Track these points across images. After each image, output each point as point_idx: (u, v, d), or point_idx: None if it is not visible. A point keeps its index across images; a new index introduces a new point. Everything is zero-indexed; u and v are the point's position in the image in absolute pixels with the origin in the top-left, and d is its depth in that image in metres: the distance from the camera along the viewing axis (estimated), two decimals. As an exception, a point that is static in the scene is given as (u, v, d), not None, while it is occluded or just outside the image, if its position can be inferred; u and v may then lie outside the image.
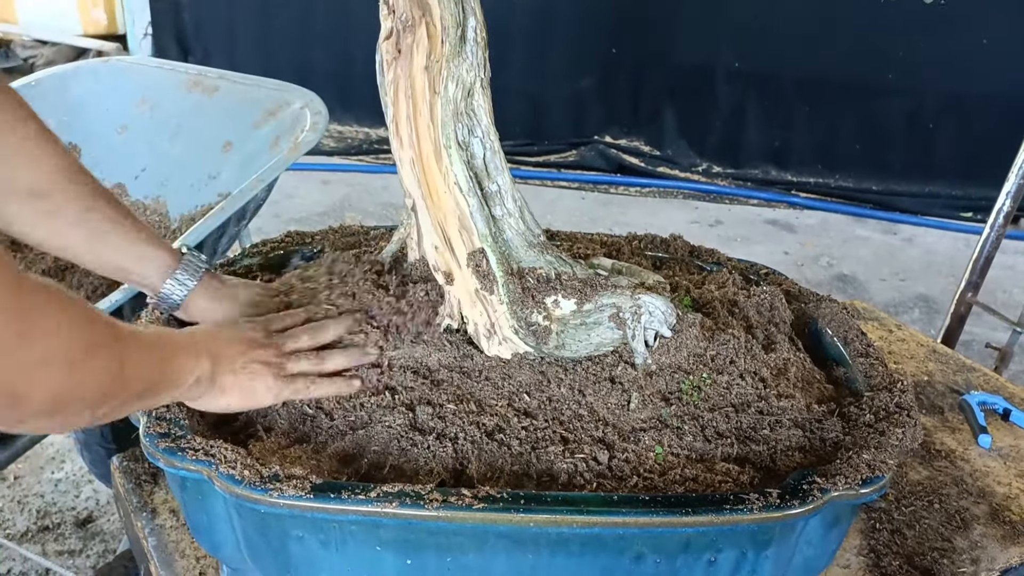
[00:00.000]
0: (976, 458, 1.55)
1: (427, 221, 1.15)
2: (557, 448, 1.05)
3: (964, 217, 4.91)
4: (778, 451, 1.09)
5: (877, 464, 1.02)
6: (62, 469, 2.68)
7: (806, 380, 1.22)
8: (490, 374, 1.14)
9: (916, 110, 4.89)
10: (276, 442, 1.06)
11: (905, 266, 4.43)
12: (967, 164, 4.88)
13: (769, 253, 4.40)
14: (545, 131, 5.37)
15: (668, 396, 1.12)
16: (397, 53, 1.09)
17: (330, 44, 5.34)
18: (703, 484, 1.02)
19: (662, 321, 1.15)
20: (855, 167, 5.09)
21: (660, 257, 1.52)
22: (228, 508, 1.00)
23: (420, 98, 1.08)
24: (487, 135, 1.11)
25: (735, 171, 5.25)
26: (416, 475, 1.02)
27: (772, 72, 5.03)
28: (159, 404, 1.02)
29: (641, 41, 5.17)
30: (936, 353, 1.90)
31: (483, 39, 1.09)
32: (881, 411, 1.14)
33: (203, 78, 2.34)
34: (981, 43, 4.61)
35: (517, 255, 1.15)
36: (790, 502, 0.96)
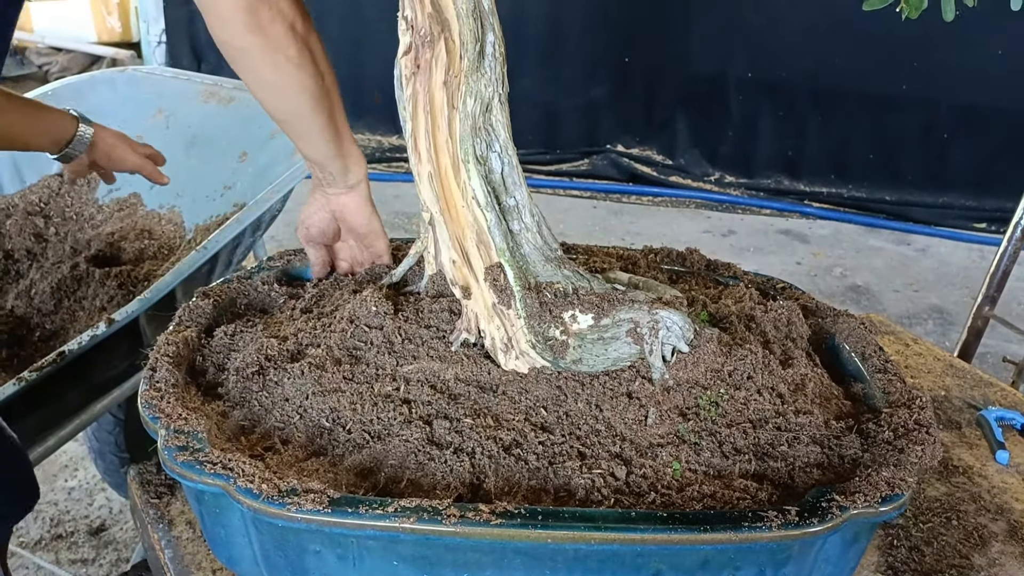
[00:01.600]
0: (994, 474, 1.54)
1: (445, 235, 1.15)
2: (574, 463, 1.04)
3: (978, 228, 4.89)
4: (796, 468, 1.08)
5: (896, 482, 1.02)
6: (75, 477, 2.69)
7: (824, 396, 1.22)
8: (507, 388, 1.14)
9: (930, 120, 4.88)
10: (293, 455, 1.06)
11: (919, 277, 4.41)
12: (981, 175, 4.86)
13: (782, 263, 4.39)
14: (557, 140, 5.37)
15: (686, 411, 1.12)
16: (416, 68, 1.09)
17: (342, 52, 5.35)
18: (721, 501, 1.01)
19: (679, 336, 1.14)
20: (868, 177, 5.08)
21: (676, 271, 1.51)
22: (245, 522, 1.00)
23: (439, 113, 1.08)
24: (505, 150, 1.12)
25: (747, 181, 5.24)
26: (433, 489, 1.02)
27: (785, 82, 5.02)
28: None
29: (654, 50, 5.17)
30: (953, 368, 1.89)
31: (501, 54, 1.09)
32: (900, 428, 1.13)
33: (219, 88, 2.35)
34: (996, 54, 4.60)
35: (534, 269, 1.15)
36: (809, 520, 0.96)
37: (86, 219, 2.26)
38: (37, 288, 1.99)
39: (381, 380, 1.14)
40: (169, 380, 1.13)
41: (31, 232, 2.19)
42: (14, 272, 2.11)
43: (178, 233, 2.18)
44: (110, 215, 2.24)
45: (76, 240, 2.17)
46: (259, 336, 1.25)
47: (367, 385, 1.13)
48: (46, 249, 2.19)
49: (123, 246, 2.13)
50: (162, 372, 1.14)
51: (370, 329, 1.21)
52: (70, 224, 2.25)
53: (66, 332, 1.91)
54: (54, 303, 1.96)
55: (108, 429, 2.14)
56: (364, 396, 1.11)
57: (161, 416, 1.06)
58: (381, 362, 1.17)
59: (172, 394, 1.10)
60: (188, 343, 1.24)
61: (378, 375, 1.15)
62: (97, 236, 2.18)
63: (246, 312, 1.38)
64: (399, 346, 1.19)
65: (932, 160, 4.96)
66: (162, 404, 1.08)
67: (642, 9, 5.04)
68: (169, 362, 1.17)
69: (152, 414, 1.06)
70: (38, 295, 1.97)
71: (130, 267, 2.03)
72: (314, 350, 1.19)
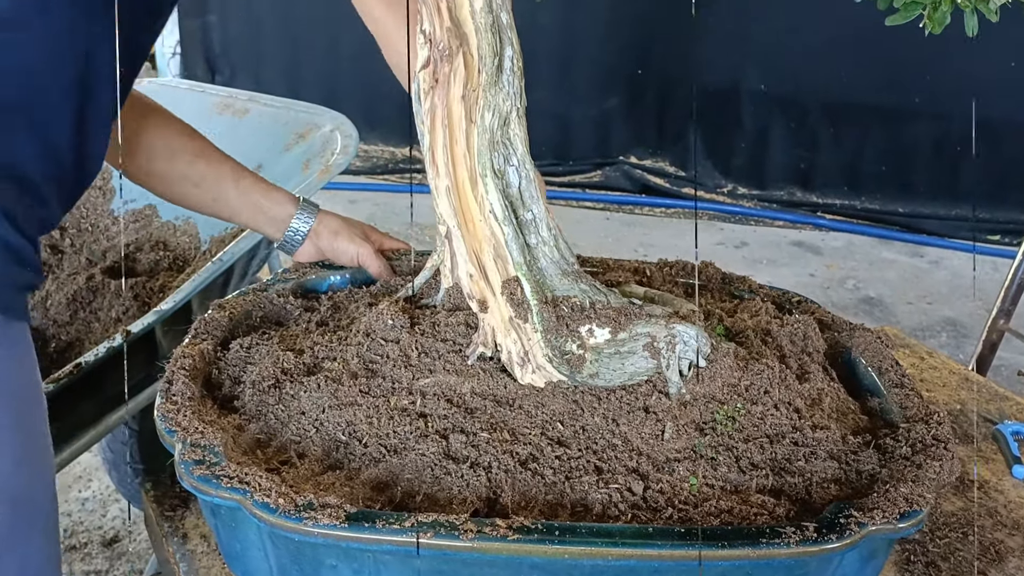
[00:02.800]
0: (1010, 489, 1.53)
1: (462, 249, 1.15)
2: (591, 478, 1.04)
3: (991, 240, 4.87)
4: (813, 483, 1.08)
5: (915, 498, 1.01)
6: (89, 488, 2.70)
7: (840, 411, 1.21)
8: (523, 402, 1.14)
9: (943, 132, 4.87)
10: (310, 468, 1.06)
11: (932, 289, 4.40)
12: (994, 187, 4.85)
13: (795, 275, 4.38)
14: (571, 151, 5.38)
15: (702, 426, 1.12)
16: (434, 82, 1.09)
17: (356, 63, 5.37)
18: (738, 516, 1.01)
19: (696, 351, 1.14)
20: (881, 189, 5.07)
21: (692, 284, 1.51)
22: (262, 536, 1.00)
23: (457, 127, 1.09)
24: (523, 164, 1.12)
25: (760, 192, 5.24)
26: (450, 504, 1.02)
27: (797, 94, 5.02)
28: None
29: (667, 62, 5.18)
30: (968, 381, 1.88)
31: (519, 69, 1.10)
32: (918, 443, 1.13)
33: (234, 100, 2.36)
34: (1009, 66, 4.59)
35: (551, 283, 1.15)
36: (827, 536, 0.95)
37: (101, 230, 2.27)
38: (52, 299, 2.00)
39: (397, 394, 1.14)
40: (185, 393, 1.13)
41: (46, 243, 2.20)
42: (30, 283, 2.12)
43: (193, 245, 2.18)
44: (125, 226, 2.25)
45: (91, 251, 2.19)
46: (275, 349, 1.25)
47: (383, 399, 1.13)
48: (61, 260, 2.20)
49: (138, 257, 2.13)
50: (178, 385, 1.14)
51: (386, 342, 1.21)
52: (85, 235, 2.26)
53: (81, 343, 1.92)
54: (69, 314, 1.97)
55: (122, 440, 2.15)
56: (380, 410, 1.11)
57: (178, 429, 1.06)
58: (397, 376, 1.17)
59: (188, 407, 1.10)
60: (204, 356, 1.24)
61: (394, 389, 1.15)
62: (112, 247, 2.19)
63: (261, 325, 1.38)
64: (415, 360, 1.19)
65: (945, 172, 4.95)
66: (179, 417, 1.08)
67: (655, 22, 5.05)
68: (185, 375, 1.17)
69: (169, 427, 1.07)
70: (53, 306, 1.98)
71: (145, 278, 2.04)
72: (330, 363, 1.19)
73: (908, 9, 0.69)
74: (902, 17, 0.70)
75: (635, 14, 5.09)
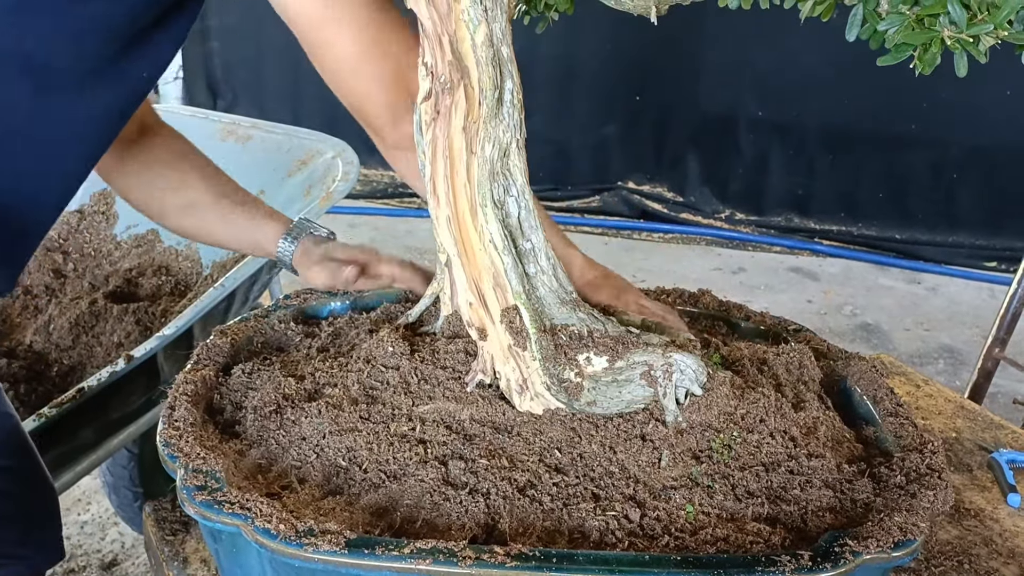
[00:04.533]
0: (1006, 518, 1.54)
1: (462, 277, 1.17)
2: (588, 505, 1.05)
3: (988, 267, 4.89)
4: (809, 511, 1.09)
5: (909, 527, 1.02)
6: (88, 511, 2.70)
7: (836, 439, 1.22)
8: (522, 430, 1.15)
9: (939, 160, 4.90)
10: (310, 494, 1.07)
11: (929, 316, 4.41)
12: (991, 214, 4.88)
13: (792, 301, 4.40)
14: (569, 177, 5.41)
15: (698, 454, 1.13)
16: (436, 114, 1.11)
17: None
18: (734, 544, 1.02)
19: (693, 379, 1.15)
20: (878, 215, 5.10)
21: (689, 312, 1.53)
22: (262, 561, 1.01)
23: (458, 158, 1.10)
24: (522, 194, 1.13)
25: (758, 218, 5.26)
26: (448, 530, 1.03)
27: (795, 121, 5.06)
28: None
29: (665, 89, 5.22)
30: (964, 410, 1.89)
31: (519, 101, 1.12)
32: (912, 472, 1.14)
33: (236, 127, 2.39)
34: (1005, 94, 4.63)
35: (550, 312, 1.16)
36: (822, 564, 0.96)
37: (104, 255, 2.29)
38: (55, 324, 2.01)
39: (397, 420, 1.15)
40: (188, 419, 1.14)
41: (50, 268, 2.22)
42: (33, 308, 2.14)
43: (195, 270, 2.20)
44: (128, 251, 2.27)
45: (94, 276, 2.20)
46: (276, 375, 1.26)
47: (383, 425, 1.14)
48: (64, 285, 2.22)
49: (141, 282, 2.15)
50: (181, 411, 1.16)
51: (387, 369, 1.22)
52: (88, 260, 2.28)
53: (83, 368, 1.93)
54: (72, 339, 1.98)
55: (123, 464, 2.15)
56: (380, 436, 1.13)
57: (180, 455, 1.07)
58: (397, 402, 1.18)
59: (191, 433, 1.12)
60: (206, 382, 1.25)
61: (394, 415, 1.16)
62: (115, 272, 2.20)
63: (263, 350, 1.40)
64: (415, 386, 1.20)
65: (942, 199, 4.98)
66: (181, 443, 1.09)
67: (653, 48, 5.09)
68: (188, 401, 1.18)
69: (171, 453, 1.08)
70: (56, 331, 2.00)
71: (147, 303, 2.05)
72: (331, 389, 1.21)
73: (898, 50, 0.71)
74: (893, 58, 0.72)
75: (633, 41, 5.13)
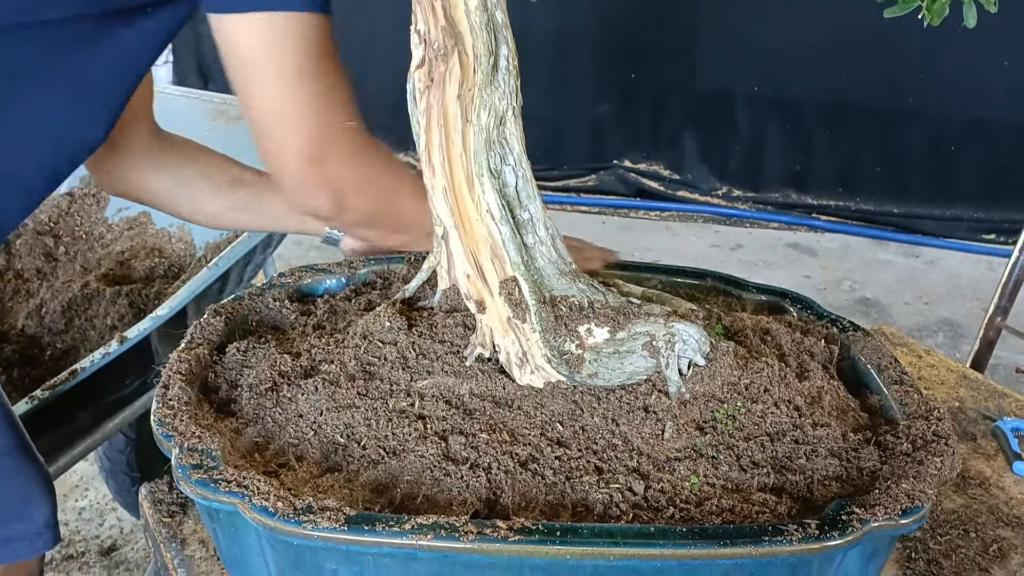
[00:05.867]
0: (1011, 486, 1.52)
1: (459, 249, 1.15)
2: (591, 478, 1.03)
3: (987, 240, 4.87)
4: (815, 481, 1.07)
5: (916, 494, 1.01)
6: (86, 497, 2.68)
7: (840, 408, 1.21)
8: (522, 403, 1.13)
9: (937, 133, 4.88)
10: (308, 471, 1.06)
11: (928, 290, 4.40)
12: (989, 186, 4.86)
13: (791, 277, 4.38)
14: (565, 156, 5.37)
15: (702, 425, 1.11)
16: (430, 82, 1.09)
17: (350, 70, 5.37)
18: (740, 515, 1.01)
19: (696, 349, 1.14)
20: (876, 190, 5.07)
21: (691, 284, 1.51)
22: (261, 540, 0.99)
23: (453, 127, 1.08)
24: (519, 163, 1.11)
25: (755, 195, 5.24)
26: (450, 505, 1.01)
27: (792, 96, 5.03)
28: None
29: (660, 66, 5.18)
30: (967, 379, 1.88)
31: (515, 68, 1.09)
32: (919, 440, 1.12)
33: (228, 107, 2.36)
34: (1002, 65, 4.60)
35: (549, 283, 1.15)
36: (829, 533, 0.95)
37: (96, 238, 2.26)
38: (48, 307, 1.99)
39: (395, 396, 1.14)
40: (182, 398, 1.12)
41: (41, 251, 2.19)
42: (24, 291, 2.12)
43: (188, 251, 2.18)
44: (120, 234, 2.24)
45: (86, 259, 2.18)
46: (272, 352, 1.24)
47: (381, 401, 1.13)
48: (56, 268, 2.19)
49: (133, 264, 2.13)
50: (175, 390, 1.14)
51: (384, 344, 1.20)
52: (80, 243, 2.25)
53: (77, 351, 1.91)
54: (65, 322, 1.96)
55: (119, 448, 2.14)
56: (379, 412, 1.11)
57: (174, 434, 1.05)
58: (395, 377, 1.16)
59: (185, 412, 1.10)
60: (200, 360, 1.23)
61: (392, 391, 1.15)
62: (107, 255, 2.18)
63: (258, 329, 1.38)
64: (413, 361, 1.18)
65: (939, 172, 4.95)
66: (175, 422, 1.07)
67: (648, 25, 5.05)
68: (182, 380, 1.16)
69: (165, 432, 1.06)
70: (49, 314, 1.97)
71: (140, 285, 2.03)
72: (328, 366, 1.19)
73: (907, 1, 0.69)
74: (900, 9, 0.70)
75: (628, 17, 5.09)
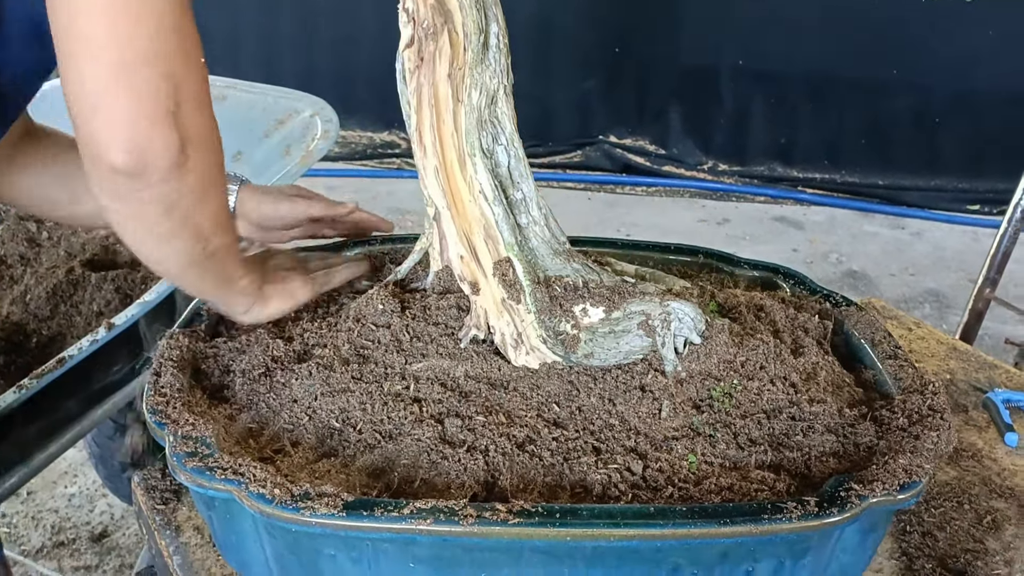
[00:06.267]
0: (1003, 457, 1.53)
1: (452, 230, 1.14)
2: (589, 459, 1.03)
3: (971, 210, 4.89)
4: (812, 457, 1.07)
5: (914, 469, 1.01)
6: (75, 483, 2.67)
7: (836, 384, 1.21)
8: (518, 385, 1.12)
9: (921, 104, 4.88)
10: (304, 457, 1.05)
11: (914, 261, 4.41)
12: (973, 157, 4.87)
13: (777, 252, 4.38)
14: (550, 133, 5.36)
15: (699, 404, 1.11)
16: (419, 61, 1.07)
17: (333, 49, 5.33)
18: (739, 493, 1.00)
19: (691, 328, 1.13)
20: (861, 162, 5.08)
21: (683, 261, 1.50)
22: (257, 527, 0.99)
23: (444, 106, 1.07)
24: (511, 142, 1.10)
25: (741, 168, 5.23)
26: (447, 488, 1.01)
27: (777, 70, 5.01)
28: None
29: (644, 41, 5.15)
30: (957, 351, 1.88)
31: (505, 46, 1.08)
32: (914, 414, 1.12)
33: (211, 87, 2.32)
34: (987, 35, 4.60)
35: (543, 264, 1.14)
36: (828, 510, 0.95)
37: (80, 223, 2.23)
38: (32, 293, 1.96)
39: (390, 379, 1.13)
40: (174, 385, 1.11)
41: (24, 237, 2.16)
42: (8, 278, 2.09)
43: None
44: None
45: (70, 244, 2.15)
46: (264, 337, 1.23)
47: (376, 384, 1.12)
48: (40, 254, 2.16)
49: (119, 249, 2.10)
50: (167, 377, 1.12)
51: (377, 328, 1.19)
52: (63, 228, 2.22)
53: (63, 338, 1.89)
54: (50, 308, 1.93)
55: (108, 435, 2.12)
56: (374, 396, 1.10)
57: (168, 422, 1.04)
58: (390, 361, 1.15)
59: (178, 399, 1.09)
60: (192, 347, 1.22)
61: (387, 374, 1.14)
62: (91, 240, 2.15)
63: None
64: (407, 344, 1.17)
65: (924, 144, 4.96)
66: (168, 409, 1.06)
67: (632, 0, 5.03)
68: (174, 366, 1.15)
69: (159, 420, 1.05)
70: (34, 300, 1.95)
71: (127, 270, 2.00)
72: (321, 350, 1.18)
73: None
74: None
75: (611, -7, 5.07)
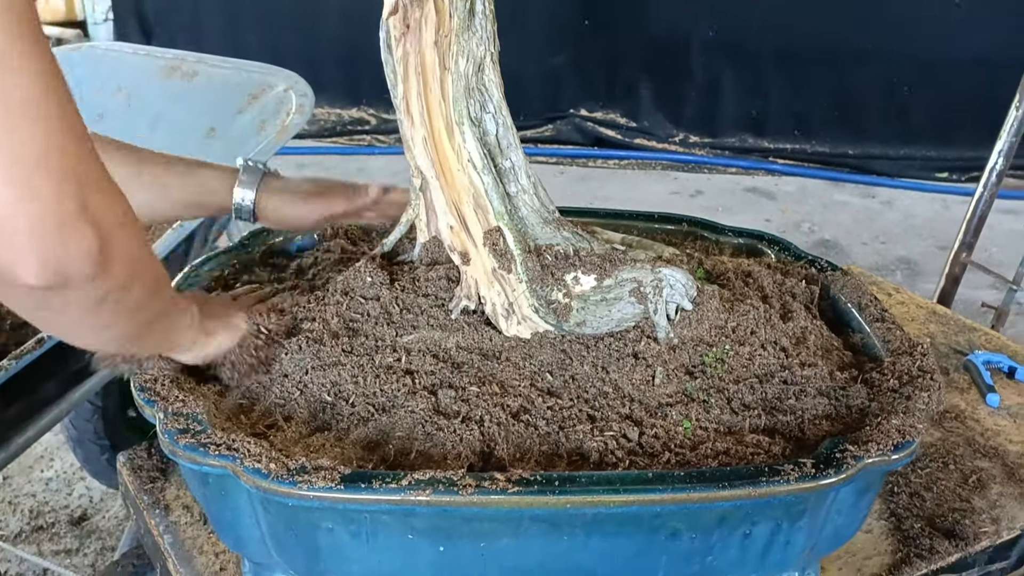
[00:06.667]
0: (986, 417, 1.55)
1: (440, 200, 1.12)
2: (585, 427, 1.03)
3: (940, 178, 4.93)
4: (806, 420, 1.08)
5: (907, 429, 1.01)
6: (51, 467, 2.64)
7: (825, 348, 1.21)
8: (510, 355, 1.12)
9: (891, 74, 4.91)
10: (297, 431, 1.04)
11: (885, 229, 4.45)
12: (942, 126, 4.91)
13: (751, 222, 4.37)
14: (521, 107, 5.33)
15: (692, 369, 1.11)
16: (405, 29, 1.06)
17: (298, 25, 5.27)
18: (735, 457, 1.01)
19: (683, 294, 1.13)
20: (831, 132, 5.11)
21: (667, 229, 1.50)
22: (253, 502, 0.97)
23: (431, 74, 1.05)
24: (499, 111, 1.09)
25: (712, 140, 5.25)
26: (444, 459, 1.00)
27: (747, 41, 5.02)
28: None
29: (614, 13, 5.13)
30: (936, 315, 1.90)
31: (491, 12, 1.06)
32: (904, 375, 1.13)
33: (181, 63, 2.29)
34: (954, 6, 4.63)
35: (533, 232, 1.13)
36: (825, 471, 0.95)
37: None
38: (6, 275, 1.92)
39: (381, 351, 1.12)
40: (161, 363, 1.09)
41: None
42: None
43: (150, 214, 2.12)
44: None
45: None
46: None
47: (367, 357, 1.11)
48: (12, 235, 2.12)
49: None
50: (154, 354, 1.11)
51: (366, 300, 1.18)
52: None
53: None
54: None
55: (86, 417, 2.09)
56: (365, 368, 1.09)
57: (157, 399, 1.02)
58: (380, 333, 1.14)
59: (166, 376, 1.07)
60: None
61: (378, 347, 1.13)
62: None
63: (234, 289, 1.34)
64: (397, 316, 1.16)
65: (892, 113, 5.00)
66: (157, 387, 1.04)
67: (600, -29, 5.01)
68: (160, 343, 1.13)
69: (148, 398, 1.03)
70: (7, 282, 1.91)
71: (102, 250, 1.97)
72: (310, 324, 1.16)
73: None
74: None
75: (580, -36, 5.04)
